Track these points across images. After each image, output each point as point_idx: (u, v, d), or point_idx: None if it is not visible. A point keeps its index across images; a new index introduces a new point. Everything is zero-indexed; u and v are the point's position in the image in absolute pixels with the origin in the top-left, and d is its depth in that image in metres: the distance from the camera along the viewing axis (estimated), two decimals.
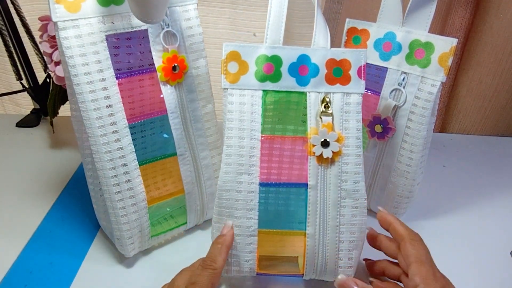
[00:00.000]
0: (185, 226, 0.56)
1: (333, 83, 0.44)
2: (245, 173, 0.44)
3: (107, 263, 0.52)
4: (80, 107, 0.44)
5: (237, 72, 0.44)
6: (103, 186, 0.47)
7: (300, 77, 0.44)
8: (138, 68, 0.48)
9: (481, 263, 0.54)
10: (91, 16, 0.43)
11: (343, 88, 0.44)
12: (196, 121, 0.51)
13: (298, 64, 0.43)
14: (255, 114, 0.44)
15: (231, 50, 0.43)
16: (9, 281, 0.49)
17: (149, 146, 0.51)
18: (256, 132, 0.44)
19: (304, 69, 0.43)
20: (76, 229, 0.57)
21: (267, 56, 0.43)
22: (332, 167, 0.44)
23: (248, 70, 0.44)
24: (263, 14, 0.86)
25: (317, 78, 0.44)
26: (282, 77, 0.44)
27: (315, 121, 0.44)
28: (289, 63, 0.43)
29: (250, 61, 0.44)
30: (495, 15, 0.74)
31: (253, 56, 0.43)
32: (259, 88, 0.44)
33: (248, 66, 0.43)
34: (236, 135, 0.43)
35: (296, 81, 0.44)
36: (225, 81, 0.44)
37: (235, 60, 0.44)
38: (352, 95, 0.44)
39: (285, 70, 0.43)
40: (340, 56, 0.43)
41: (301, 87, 0.44)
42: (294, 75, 0.44)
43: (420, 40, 0.52)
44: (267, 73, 0.43)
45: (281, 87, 0.44)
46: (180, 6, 0.48)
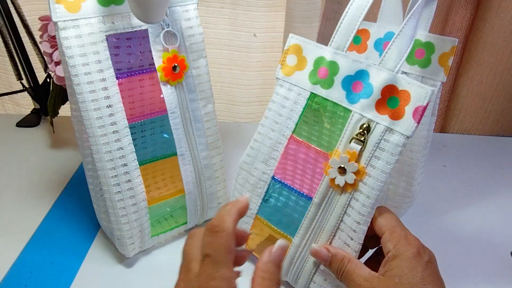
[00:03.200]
0: (185, 226, 0.55)
1: (382, 112, 0.38)
2: (263, 162, 0.45)
3: (107, 263, 0.52)
4: (80, 107, 0.44)
5: (294, 66, 0.42)
6: (103, 186, 0.47)
7: (351, 93, 0.40)
8: (138, 68, 0.48)
9: (481, 263, 0.54)
10: (91, 16, 0.43)
11: (390, 122, 0.38)
12: (196, 121, 0.51)
13: (354, 78, 0.39)
14: (293, 113, 0.43)
15: (295, 43, 0.42)
16: (9, 281, 0.50)
17: (149, 146, 0.51)
18: (287, 130, 0.43)
19: (358, 85, 0.39)
20: (76, 229, 0.57)
21: (326, 59, 0.41)
22: (342, 196, 0.41)
23: (305, 68, 0.42)
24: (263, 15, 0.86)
25: (368, 101, 0.39)
26: (333, 86, 0.40)
27: (344, 144, 0.40)
28: (345, 74, 0.40)
29: (310, 59, 0.42)
30: (495, 15, 0.74)
31: (314, 55, 0.41)
32: (309, 89, 0.42)
33: (306, 63, 0.42)
34: (269, 125, 0.44)
35: (346, 96, 0.40)
36: (280, 71, 0.43)
37: (296, 54, 0.42)
38: (396, 133, 0.38)
39: (339, 80, 0.40)
40: (403, 85, 0.37)
41: (349, 103, 0.40)
42: (346, 88, 0.40)
43: (420, 40, 0.52)
44: (320, 77, 0.41)
45: (329, 96, 0.41)
46: (180, 6, 0.48)
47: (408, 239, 0.38)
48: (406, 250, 0.37)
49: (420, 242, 0.39)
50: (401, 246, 0.38)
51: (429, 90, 0.36)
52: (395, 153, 0.38)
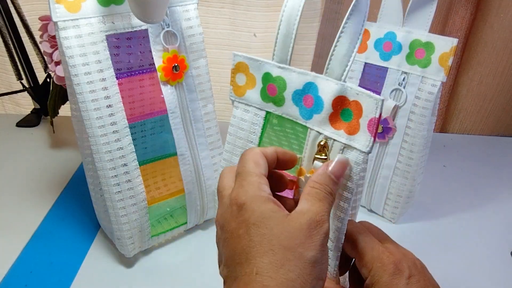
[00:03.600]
0: (185, 226, 0.55)
1: (337, 127, 0.35)
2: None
3: (108, 262, 0.52)
4: (81, 107, 0.44)
5: (244, 85, 0.40)
6: (103, 186, 0.46)
7: (304, 108, 0.37)
8: (138, 68, 0.48)
9: (481, 263, 0.54)
10: (91, 16, 0.43)
11: (347, 137, 0.34)
12: (196, 121, 0.51)
13: (303, 92, 0.36)
14: (253, 135, 0.40)
15: (239, 61, 0.40)
16: (10, 281, 0.50)
17: (149, 146, 0.51)
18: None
19: (308, 99, 0.36)
20: (76, 229, 0.57)
21: (272, 75, 0.38)
22: None
23: (254, 86, 0.39)
24: (263, 15, 0.86)
25: (321, 116, 0.35)
26: (285, 103, 0.37)
27: (307, 163, 0.37)
28: (293, 89, 0.37)
29: (258, 76, 0.39)
30: (495, 15, 0.74)
31: (260, 71, 0.39)
32: (263, 108, 0.39)
33: (255, 81, 0.39)
34: (230, 150, 0.41)
35: (299, 112, 0.37)
36: (232, 92, 0.41)
37: (243, 72, 0.40)
38: (354, 150, 0.34)
39: (289, 96, 0.37)
40: (353, 96, 0.34)
41: (304, 120, 0.37)
42: (298, 104, 0.37)
43: (420, 40, 0.52)
44: (270, 94, 0.38)
45: (284, 114, 0.38)
46: (180, 6, 0.48)
47: (381, 259, 0.35)
48: (382, 274, 0.34)
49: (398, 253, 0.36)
50: (376, 271, 0.34)
51: (379, 99, 0.32)
52: (356, 172, 0.34)
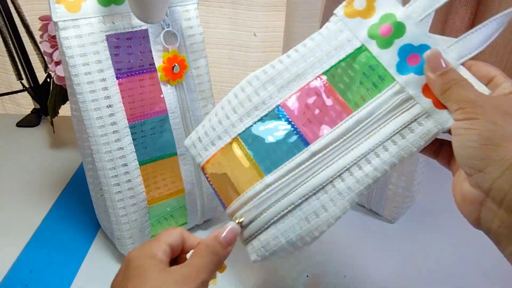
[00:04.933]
0: (185, 226, 0.56)
1: (426, 95, 0.36)
2: (276, 86, 0.40)
3: (108, 263, 0.52)
4: (81, 107, 0.44)
5: (359, 11, 0.38)
6: (104, 186, 0.47)
7: (405, 63, 0.36)
8: (139, 68, 0.48)
9: (481, 263, 0.54)
10: (91, 16, 0.43)
11: (431, 107, 0.35)
12: (197, 121, 0.51)
13: (415, 50, 0.36)
14: (333, 54, 0.39)
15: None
16: (10, 281, 0.50)
17: (150, 146, 0.51)
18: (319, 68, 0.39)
19: (415, 58, 0.36)
20: (76, 229, 0.57)
21: (395, 18, 0.37)
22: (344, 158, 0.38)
23: (369, 17, 0.38)
24: (263, 14, 0.86)
25: (418, 78, 0.36)
26: (390, 48, 0.37)
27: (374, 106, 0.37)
28: (408, 42, 0.36)
29: (379, 11, 0.38)
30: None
31: (385, 9, 0.37)
32: (362, 40, 0.38)
33: (373, 13, 0.38)
34: (304, 53, 0.40)
35: (397, 63, 0.37)
36: (341, 9, 0.39)
37: (367, 0, 0.38)
38: (431, 121, 0.35)
39: (398, 44, 0.37)
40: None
41: (397, 73, 0.37)
42: (402, 56, 0.37)
43: None
44: (381, 33, 0.37)
45: (379, 57, 0.37)
46: (180, 6, 0.48)
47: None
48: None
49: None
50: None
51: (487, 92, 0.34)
52: (423, 139, 0.35)
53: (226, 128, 0.40)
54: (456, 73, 0.34)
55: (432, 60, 0.35)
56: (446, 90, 0.34)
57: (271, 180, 0.38)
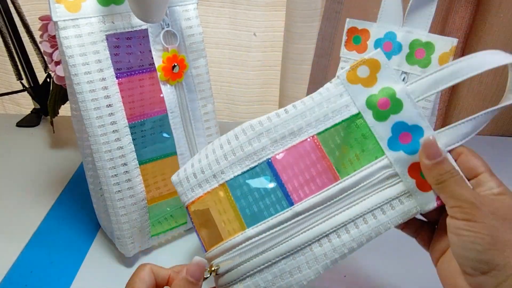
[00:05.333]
0: (185, 225, 0.56)
1: (412, 175, 0.37)
2: (270, 139, 0.41)
3: (107, 262, 0.52)
4: (80, 107, 0.44)
5: (361, 78, 0.39)
6: (103, 185, 0.47)
7: (396, 140, 0.38)
8: (138, 67, 0.48)
9: None
10: (91, 15, 0.43)
11: (414, 189, 0.37)
12: (196, 121, 0.51)
13: (407, 129, 0.38)
14: (331, 117, 0.40)
15: (376, 58, 0.39)
16: (10, 281, 0.50)
17: (149, 146, 0.51)
18: (313, 128, 0.40)
19: (406, 137, 0.38)
20: (76, 229, 0.57)
21: (395, 95, 0.38)
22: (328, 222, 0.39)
23: (370, 87, 0.39)
24: (263, 14, 0.86)
25: (406, 157, 0.37)
26: (385, 122, 0.38)
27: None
28: (402, 119, 0.38)
29: (380, 83, 0.39)
30: (495, 15, 0.74)
31: (386, 82, 0.39)
32: (360, 109, 0.39)
33: (374, 84, 0.39)
34: (302, 110, 0.41)
35: (389, 138, 0.38)
36: (344, 73, 0.40)
37: (371, 70, 0.40)
38: (411, 200, 0.37)
39: (392, 120, 0.38)
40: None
41: (387, 148, 0.38)
42: (394, 133, 0.38)
43: (420, 40, 0.52)
44: (378, 106, 0.39)
45: (373, 128, 0.39)
46: (180, 6, 0.48)
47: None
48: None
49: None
50: (507, 191, 0.34)
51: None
52: (403, 218, 0.37)
53: (215, 173, 0.41)
54: (450, 165, 0.35)
55: (428, 148, 0.35)
56: (441, 182, 0.35)
57: (252, 233, 0.38)
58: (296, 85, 0.86)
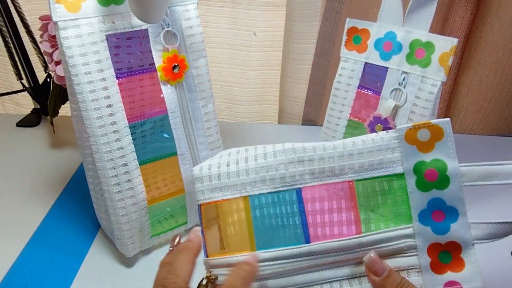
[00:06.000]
0: (185, 225, 0.55)
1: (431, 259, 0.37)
2: (306, 170, 0.40)
3: (108, 262, 0.52)
4: (81, 107, 0.44)
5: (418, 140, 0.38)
6: (104, 185, 0.46)
7: (429, 217, 0.38)
8: (139, 67, 0.48)
9: (481, 263, 0.54)
10: (91, 15, 0.43)
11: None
12: (196, 121, 0.51)
13: (444, 208, 0.37)
14: (377, 169, 0.39)
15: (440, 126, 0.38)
16: (10, 281, 0.50)
17: (150, 146, 0.51)
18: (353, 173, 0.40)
19: (440, 216, 0.38)
20: (76, 229, 0.57)
21: (445, 170, 0.37)
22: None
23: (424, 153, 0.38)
24: (263, 14, 0.86)
25: (434, 236, 0.37)
26: (426, 193, 0.38)
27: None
28: (443, 196, 0.38)
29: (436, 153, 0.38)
30: (495, 15, 0.74)
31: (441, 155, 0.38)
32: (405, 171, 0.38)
33: (430, 151, 0.38)
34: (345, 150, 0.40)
35: (421, 211, 0.38)
36: (405, 130, 0.39)
37: (431, 136, 0.38)
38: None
39: (432, 195, 0.37)
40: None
41: (417, 219, 0.38)
42: (430, 208, 0.38)
43: (420, 39, 0.52)
44: (425, 177, 0.38)
45: (411, 195, 0.38)
46: (180, 6, 0.48)
47: None
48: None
49: None
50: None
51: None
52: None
53: (241, 183, 0.39)
54: (398, 275, 0.36)
55: (372, 265, 0.36)
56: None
57: (261, 257, 0.38)
58: (296, 85, 0.86)
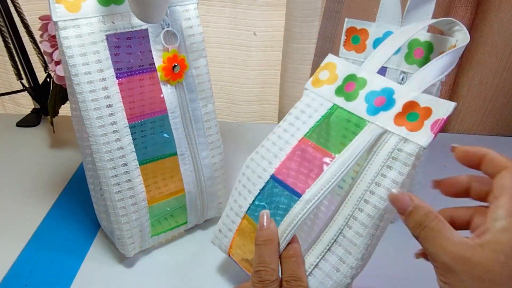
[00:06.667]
0: (185, 225, 0.56)
1: (399, 124, 0.38)
2: (267, 159, 0.44)
3: (108, 262, 0.52)
4: (81, 107, 0.44)
5: (324, 80, 0.45)
6: (104, 185, 0.47)
7: (373, 106, 0.41)
8: (139, 67, 0.48)
9: None
10: (91, 15, 0.43)
11: (407, 133, 0.38)
12: (196, 121, 0.51)
13: (378, 94, 0.41)
14: (310, 119, 0.44)
15: (332, 61, 0.45)
16: (10, 281, 0.50)
17: (150, 146, 0.51)
18: (300, 132, 0.44)
19: (381, 100, 0.40)
20: (76, 229, 0.57)
21: (356, 76, 0.43)
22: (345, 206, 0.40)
23: (334, 82, 0.44)
24: (263, 14, 0.86)
25: (387, 113, 0.39)
26: (356, 99, 0.42)
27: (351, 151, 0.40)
28: (371, 89, 0.41)
29: (341, 75, 0.44)
30: (495, 15, 0.74)
31: (346, 72, 0.43)
32: (332, 101, 0.43)
33: (336, 79, 0.44)
34: (284, 126, 0.45)
35: (366, 108, 0.41)
36: (309, 82, 0.45)
37: (329, 71, 0.45)
38: (411, 143, 0.37)
39: (363, 94, 0.41)
40: (426, 103, 0.38)
41: (368, 115, 0.40)
42: (368, 102, 0.41)
43: (419, 39, 0.52)
44: (346, 90, 0.43)
45: (350, 108, 0.42)
46: (180, 6, 0.48)
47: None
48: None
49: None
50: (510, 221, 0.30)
51: (452, 104, 0.37)
52: (408, 163, 0.37)
53: (236, 211, 0.45)
54: (423, 209, 0.32)
55: (396, 202, 0.34)
56: (418, 236, 0.32)
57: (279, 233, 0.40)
58: (296, 85, 0.86)
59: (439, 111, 0.37)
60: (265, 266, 0.36)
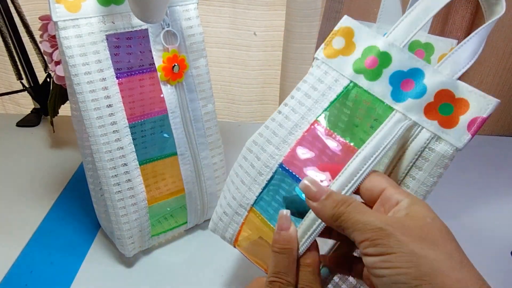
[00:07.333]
0: (185, 225, 0.56)
1: (431, 117, 0.34)
2: (274, 144, 0.38)
3: (108, 262, 0.52)
4: (81, 107, 0.44)
5: (339, 49, 0.38)
6: (104, 185, 0.46)
7: (399, 90, 0.35)
8: (139, 67, 0.48)
9: (481, 263, 0.54)
10: (91, 15, 0.43)
11: (439, 129, 0.34)
12: (196, 121, 0.51)
13: (406, 75, 0.35)
14: (324, 98, 0.37)
15: (347, 25, 0.37)
16: (10, 281, 0.50)
17: (150, 146, 0.51)
18: (312, 115, 0.38)
19: (409, 83, 0.35)
20: (76, 229, 0.57)
21: (378, 49, 0.36)
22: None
23: (351, 54, 0.37)
24: (263, 14, 0.86)
25: (417, 102, 0.34)
26: (379, 79, 0.36)
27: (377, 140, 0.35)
28: (396, 69, 0.35)
29: (359, 46, 0.37)
30: None
31: (366, 43, 0.37)
32: (349, 77, 0.37)
33: (354, 49, 0.37)
34: (293, 105, 0.39)
35: (391, 92, 0.35)
36: (321, 51, 0.38)
37: (345, 37, 0.38)
38: (443, 142, 0.33)
39: (387, 73, 0.35)
40: (462, 93, 0.34)
41: (393, 101, 0.35)
42: (394, 84, 0.35)
43: (420, 41, 0.52)
44: (367, 66, 0.36)
45: (371, 89, 0.36)
46: (180, 6, 0.48)
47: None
48: (424, 204, 0.31)
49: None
50: (416, 199, 0.31)
51: (493, 101, 0.33)
52: (441, 165, 0.34)
53: (240, 202, 0.40)
54: (340, 195, 0.32)
55: (309, 190, 0.32)
56: (338, 217, 0.30)
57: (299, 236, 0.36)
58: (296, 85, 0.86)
59: (477, 106, 0.33)
60: (281, 278, 0.33)
